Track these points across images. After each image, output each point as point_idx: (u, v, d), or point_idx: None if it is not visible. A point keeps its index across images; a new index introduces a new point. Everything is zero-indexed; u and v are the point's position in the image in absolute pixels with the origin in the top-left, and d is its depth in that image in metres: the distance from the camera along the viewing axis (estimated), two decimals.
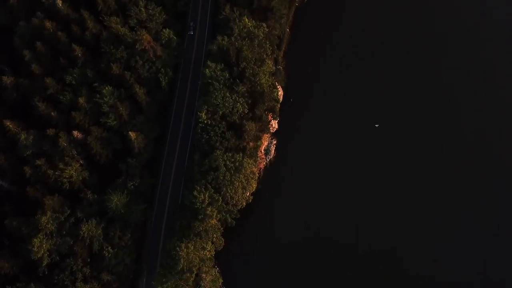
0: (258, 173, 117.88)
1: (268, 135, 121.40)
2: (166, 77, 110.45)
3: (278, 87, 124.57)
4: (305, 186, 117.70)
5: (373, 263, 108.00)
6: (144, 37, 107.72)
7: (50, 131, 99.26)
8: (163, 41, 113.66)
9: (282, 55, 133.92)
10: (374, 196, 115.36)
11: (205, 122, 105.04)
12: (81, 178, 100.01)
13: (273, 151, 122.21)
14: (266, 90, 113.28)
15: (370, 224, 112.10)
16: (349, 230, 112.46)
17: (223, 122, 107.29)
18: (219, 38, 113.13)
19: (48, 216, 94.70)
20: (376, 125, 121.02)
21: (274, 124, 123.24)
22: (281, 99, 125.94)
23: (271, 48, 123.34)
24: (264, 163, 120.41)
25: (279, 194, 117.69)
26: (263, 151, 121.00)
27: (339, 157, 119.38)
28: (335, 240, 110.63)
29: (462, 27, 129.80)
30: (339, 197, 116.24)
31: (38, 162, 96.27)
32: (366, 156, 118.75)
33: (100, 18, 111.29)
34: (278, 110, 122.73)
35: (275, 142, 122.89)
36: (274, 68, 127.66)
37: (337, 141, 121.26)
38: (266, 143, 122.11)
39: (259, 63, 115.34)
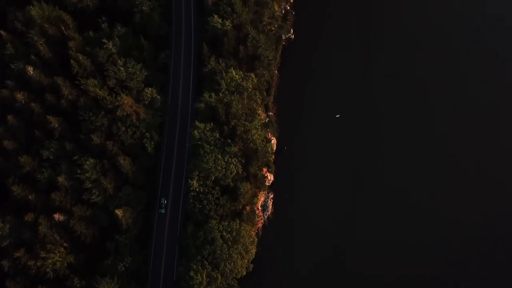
0: (256, 233, 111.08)
1: (265, 189, 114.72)
2: (152, 142, 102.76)
3: (271, 137, 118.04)
4: (307, 242, 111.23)
5: None
6: (125, 101, 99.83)
7: (29, 216, 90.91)
8: (146, 102, 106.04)
9: (272, 100, 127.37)
10: (378, 244, 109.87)
11: (197, 190, 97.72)
12: (66, 264, 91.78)
13: (270, 206, 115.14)
14: (259, 147, 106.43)
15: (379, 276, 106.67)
16: (357, 280, 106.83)
17: (217, 188, 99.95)
18: (206, 95, 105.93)
19: None
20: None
21: (270, 177, 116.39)
22: (274, 149, 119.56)
23: (261, 97, 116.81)
24: (262, 221, 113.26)
25: (279, 254, 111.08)
26: (260, 208, 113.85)
27: (340, 206, 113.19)
28: None
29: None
30: (343, 248, 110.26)
31: (17, 254, 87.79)
32: (368, 201, 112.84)
33: (76, 82, 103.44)
34: (272, 162, 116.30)
35: (272, 196, 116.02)
36: (265, 118, 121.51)
37: (336, 188, 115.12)
38: (262, 199, 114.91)
39: (250, 118, 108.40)
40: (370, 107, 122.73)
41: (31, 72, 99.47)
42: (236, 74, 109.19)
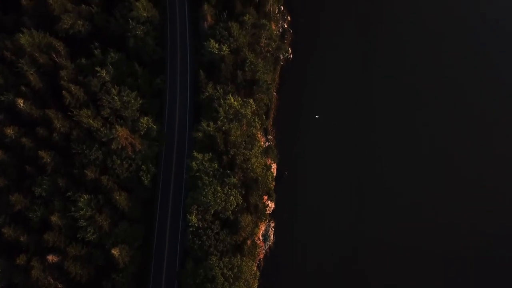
0: (258, 264, 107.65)
1: (266, 220, 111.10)
2: (149, 175, 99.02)
3: (271, 163, 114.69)
4: (310, 271, 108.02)
5: None
6: (120, 134, 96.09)
7: (21, 259, 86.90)
8: (142, 132, 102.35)
9: (271, 123, 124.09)
10: (382, 272, 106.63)
11: (196, 225, 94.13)
12: None
13: (272, 235, 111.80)
14: (260, 176, 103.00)
15: None
16: None
17: (216, 222, 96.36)
18: (204, 124, 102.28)
19: None
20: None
21: (271, 204, 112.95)
22: (274, 174, 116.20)
23: (260, 122, 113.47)
24: (264, 251, 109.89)
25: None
26: (261, 238, 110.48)
27: (343, 230, 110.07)
28: None
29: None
30: (347, 274, 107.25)
31: None
32: (373, 224, 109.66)
33: (69, 113, 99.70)
34: (273, 189, 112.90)
35: (273, 224, 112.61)
36: (265, 142, 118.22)
37: (338, 213, 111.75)
38: (263, 228, 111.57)
39: (250, 146, 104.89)
40: (370, 123, 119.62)
41: (22, 104, 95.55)
42: (234, 101, 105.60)
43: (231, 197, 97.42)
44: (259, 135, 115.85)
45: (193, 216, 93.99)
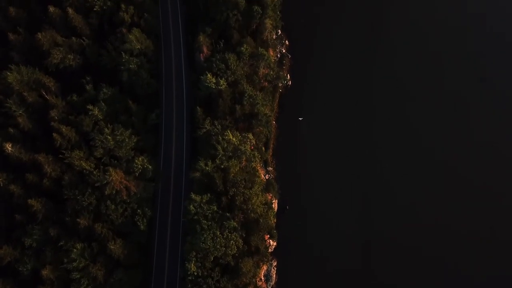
0: None
1: (267, 261, 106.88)
2: (145, 219, 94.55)
3: (272, 200, 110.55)
4: None
5: None
6: (114, 178, 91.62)
7: None
8: (137, 173, 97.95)
9: (271, 154, 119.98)
10: None
11: (195, 273, 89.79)
12: None
13: (274, 275, 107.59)
14: (261, 218, 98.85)
15: None
16: None
17: (216, 268, 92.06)
18: (202, 163, 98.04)
19: None
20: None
21: (273, 243, 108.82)
22: (276, 209, 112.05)
23: (259, 156, 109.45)
24: None
25: None
26: (263, 278, 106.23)
27: (348, 273, 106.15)
28: None
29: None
30: None
31: None
32: (377, 263, 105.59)
33: (60, 156, 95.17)
34: (274, 227, 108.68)
35: (275, 264, 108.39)
36: (265, 175, 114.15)
37: (343, 252, 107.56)
38: (265, 267, 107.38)
39: (250, 184, 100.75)
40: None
41: (10, 149, 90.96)
42: (233, 137, 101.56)
43: (231, 241, 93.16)
44: (258, 167, 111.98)
45: (192, 264, 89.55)
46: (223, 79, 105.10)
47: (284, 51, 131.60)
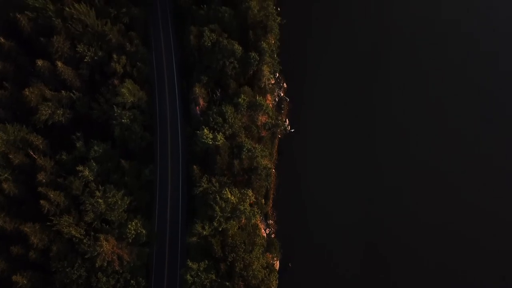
0: None
1: None
2: None
3: (274, 260, 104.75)
4: None
5: None
6: (106, 248, 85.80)
7: None
8: (130, 239, 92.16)
9: (271, 205, 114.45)
10: None
11: None
12: None
13: None
14: (263, 284, 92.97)
15: None
16: None
17: None
18: (199, 226, 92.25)
19: None
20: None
21: None
22: (277, 268, 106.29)
23: (259, 212, 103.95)
24: None
25: None
26: None
27: None
28: None
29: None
30: None
31: None
32: None
33: (48, 224, 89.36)
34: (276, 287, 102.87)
35: None
36: (265, 230, 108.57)
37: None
38: None
39: (250, 247, 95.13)
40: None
41: None
42: (231, 195, 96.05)
43: None
44: (258, 222, 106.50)
45: None
46: (221, 133, 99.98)
47: (282, 94, 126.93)
